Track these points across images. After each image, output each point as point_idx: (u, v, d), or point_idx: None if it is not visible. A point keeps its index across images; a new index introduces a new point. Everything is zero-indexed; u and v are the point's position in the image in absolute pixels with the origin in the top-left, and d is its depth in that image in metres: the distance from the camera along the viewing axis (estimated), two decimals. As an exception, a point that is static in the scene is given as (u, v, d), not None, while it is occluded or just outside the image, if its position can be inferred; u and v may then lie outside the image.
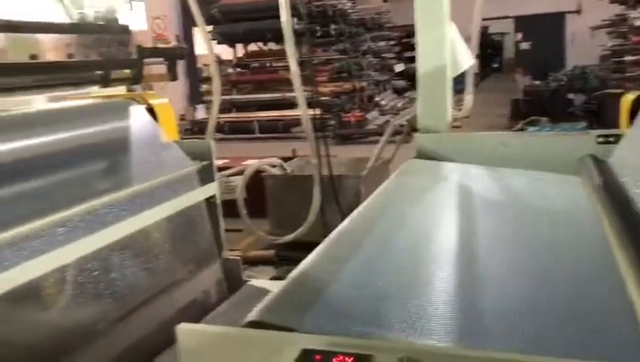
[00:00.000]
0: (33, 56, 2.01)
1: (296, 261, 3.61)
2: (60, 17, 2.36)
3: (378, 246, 1.35)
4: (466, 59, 2.58)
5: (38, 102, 2.28)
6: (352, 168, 4.09)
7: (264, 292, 2.61)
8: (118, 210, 2.02)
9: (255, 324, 0.94)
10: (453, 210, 1.70)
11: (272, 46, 11.34)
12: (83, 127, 2.18)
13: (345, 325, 0.96)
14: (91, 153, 2.23)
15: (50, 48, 2.07)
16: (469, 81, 2.87)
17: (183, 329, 0.90)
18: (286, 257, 3.66)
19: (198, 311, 2.40)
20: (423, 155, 2.24)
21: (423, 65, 2.40)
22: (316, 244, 1.45)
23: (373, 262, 1.25)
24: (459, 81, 2.61)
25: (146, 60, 2.65)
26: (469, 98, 2.97)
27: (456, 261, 1.32)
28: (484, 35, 16.47)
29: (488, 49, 19.71)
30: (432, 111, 2.38)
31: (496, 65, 21.74)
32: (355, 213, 1.58)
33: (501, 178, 1.96)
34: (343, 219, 3.37)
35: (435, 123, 2.35)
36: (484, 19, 2.89)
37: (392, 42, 13.95)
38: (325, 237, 1.46)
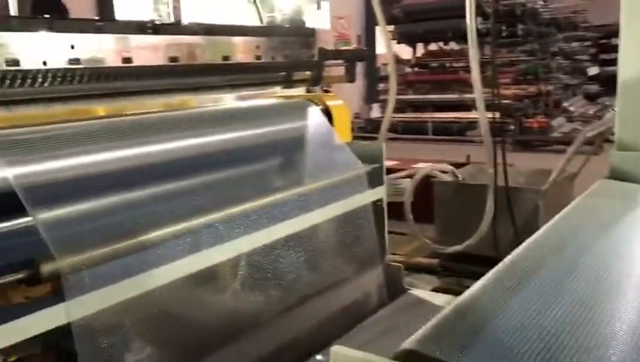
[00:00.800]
0: (225, 58, 2.15)
1: (461, 273, 3.45)
2: (252, 20, 2.52)
3: (559, 278, 1.21)
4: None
5: (229, 100, 2.45)
6: (531, 180, 3.79)
7: (424, 303, 2.56)
8: (289, 208, 2.10)
9: (410, 353, 0.88)
10: (652, 243, 1.47)
11: (453, 46, 11.04)
12: (264, 125, 2.29)
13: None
14: (269, 150, 2.34)
15: (241, 50, 2.21)
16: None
17: (338, 352, 0.87)
18: (451, 268, 3.52)
19: (356, 314, 2.41)
20: (618, 176, 1.97)
21: (625, 70, 2.12)
22: (485, 259, 1.35)
23: (551, 297, 1.12)
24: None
25: (327, 62, 2.71)
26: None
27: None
28: None
29: None
30: (634, 124, 2.09)
31: None
32: (535, 235, 1.44)
33: None
34: (516, 235, 3.15)
35: (636, 138, 2.06)
36: None
37: (587, 43, 12.74)
38: (495, 252, 1.35)
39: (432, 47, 11.62)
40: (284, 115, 2.42)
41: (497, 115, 3.43)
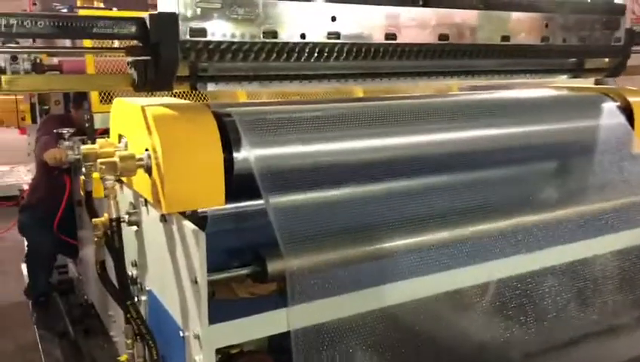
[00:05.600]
0: (504, 38, 1.77)
1: None
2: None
3: None
4: None
5: (503, 87, 2.10)
6: None
7: None
8: (563, 230, 1.67)
9: None
10: None
11: None
12: (544, 122, 1.86)
13: None
14: (546, 154, 1.91)
15: (525, 29, 1.81)
16: None
17: None
18: None
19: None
20: None
21: None
22: None
23: None
24: None
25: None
26: None
27: None
28: None
29: None
30: None
31: None
32: None
33: None
34: None
35: None
36: None
37: None
38: None
39: None
40: (570, 110, 1.95)
41: None
